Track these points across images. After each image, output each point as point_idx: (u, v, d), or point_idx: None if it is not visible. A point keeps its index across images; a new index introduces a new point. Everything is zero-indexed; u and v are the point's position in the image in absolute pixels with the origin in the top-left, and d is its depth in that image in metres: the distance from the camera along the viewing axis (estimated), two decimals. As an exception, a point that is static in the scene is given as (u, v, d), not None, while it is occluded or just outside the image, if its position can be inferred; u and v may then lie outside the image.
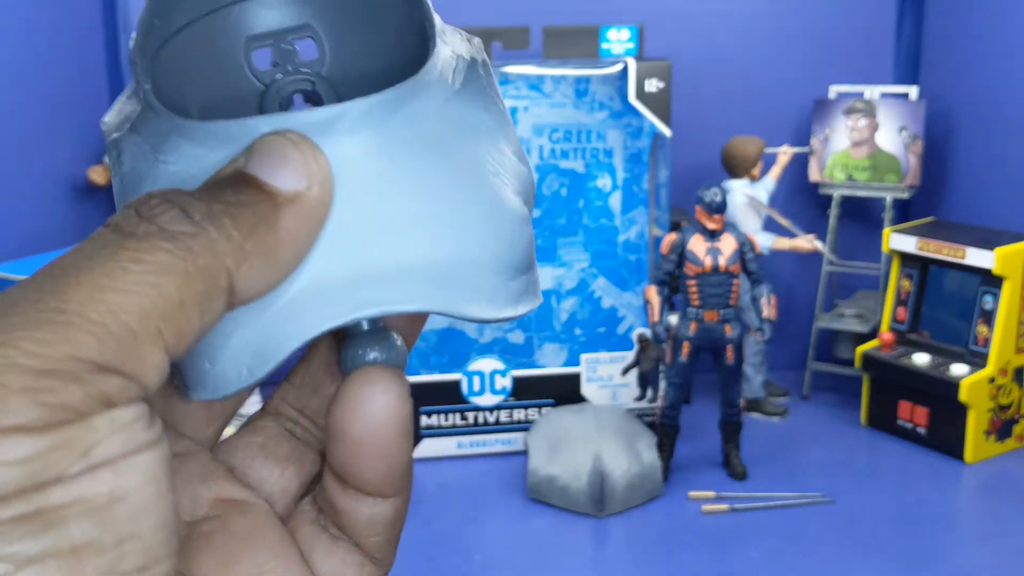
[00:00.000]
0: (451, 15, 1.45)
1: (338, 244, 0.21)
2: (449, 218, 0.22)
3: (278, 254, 0.21)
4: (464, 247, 0.22)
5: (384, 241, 0.22)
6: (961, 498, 1.47)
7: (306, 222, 0.21)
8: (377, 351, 0.23)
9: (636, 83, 1.51)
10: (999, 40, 1.69)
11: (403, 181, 0.22)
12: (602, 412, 1.55)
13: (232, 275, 0.20)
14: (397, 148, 0.22)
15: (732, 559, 1.27)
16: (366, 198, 0.22)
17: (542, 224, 1.65)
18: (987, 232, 1.60)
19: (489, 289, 0.23)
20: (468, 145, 0.24)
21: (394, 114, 0.22)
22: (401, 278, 0.21)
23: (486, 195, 0.23)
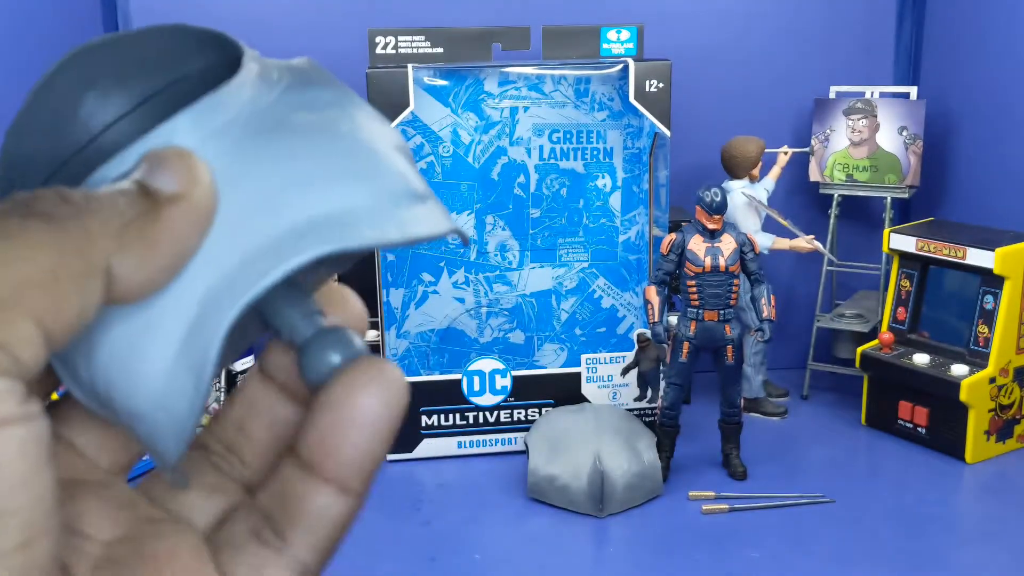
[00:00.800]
0: (451, 15, 1.47)
1: (227, 237, 0.22)
2: (319, 175, 0.23)
3: (159, 245, 0.21)
4: (342, 192, 0.23)
5: (266, 217, 0.22)
6: (961, 498, 1.47)
7: (189, 220, 0.21)
8: (338, 351, 0.24)
9: (636, 83, 1.51)
10: (999, 40, 1.69)
11: (262, 163, 0.23)
12: (602, 412, 1.55)
13: (110, 258, 0.20)
14: (244, 139, 0.23)
15: (732, 559, 1.27)
16: (233, 190, 0.22)
17: (542, 224, 1.65)
18: (987, 232, 1.60)
19: (381, 217, 0.23)
20: (315, 117, 0.24)
21: (225, 113, 0.23)
22: (291, 239, 0.22)
23: (347, 143, 0.24)
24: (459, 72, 1.58)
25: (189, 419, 0.22)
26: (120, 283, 0.20)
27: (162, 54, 0.26)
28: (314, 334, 0.24)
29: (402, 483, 1.52)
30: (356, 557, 1.28)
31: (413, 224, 0.23)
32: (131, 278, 0.21)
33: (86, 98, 0.25)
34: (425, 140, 1.59)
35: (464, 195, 1.61)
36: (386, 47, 1.54)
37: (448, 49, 1.55)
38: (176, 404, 0.22)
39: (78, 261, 0.19)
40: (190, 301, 0.22)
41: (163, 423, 0.22)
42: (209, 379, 0.22)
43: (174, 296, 0.22)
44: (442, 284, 1.64)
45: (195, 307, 0.22)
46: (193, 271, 0.22)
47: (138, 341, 0.22)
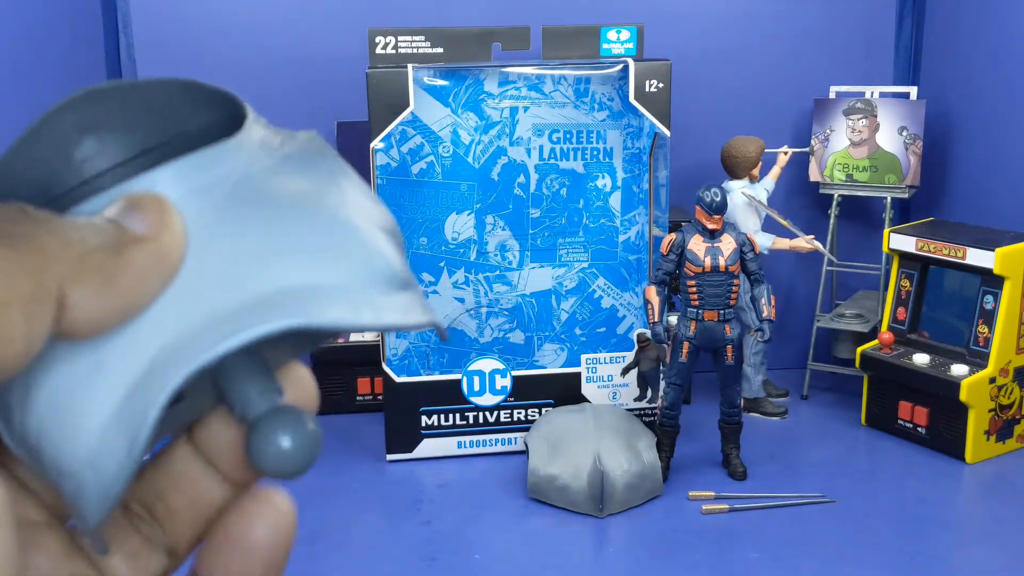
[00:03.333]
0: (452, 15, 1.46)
1: (190, 296, 0.21)
2: (296, 249, 0.22)
3: (118, 281, 0.20)
4: (319, 269, 0.22)
5: (233, 283, 0.21)
6: (961, 498, 1.47)
7: (152, 263, 0.20)
8: (289, 434, 0.23)
9: (636, 83, 1.51)
10: (999, 40, 1.69)
11: (242, 229, 0.22)
12: (602, 412, 1.55)
13: (64, 285, 0.19)
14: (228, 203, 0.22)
15: (732, 559, 1.27)
16: (205, 250, 0.21)
17: (542, 224, 1.65)
18: (987, 232, 1.60)
19: (355, 299, 0.22)
20: (304, 186, 0.23)
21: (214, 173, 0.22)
22: (255, 309, 0.21)
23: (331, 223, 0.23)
24: (459, 72, 1.58)
25: (116, 483, 0.21)
26: (71, 313, 0.19)
27: (168, 107, 0.25)
28: (267, 412, 0.23)
29: (402, 483, 1.52)
30: (356, 557, 1.28)
31: (387, 311, 0.22)
32: (83, 310, 0.20)
33: (84, 142, 0.24)
34: (425, 140, 1.59)
35: (464, 195, 1.61)
36: (386, 47, 1.54)
37: (448, 49, 1.55)
38: (106, 465, 0.20)
39: (28, 283, 0.18)
40: (139, 357, 0.21)
41: (90, 484, 0.21)
42: (143, 444, 0.20)
43: (123, 348, 0.21)
44: (442, 284, 1.64)
45: (142, 364, 0.21)
46: (147, 325, 0.21)
47: (78, 391, 0.20)
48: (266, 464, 0.23)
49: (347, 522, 1.38)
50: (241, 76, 1.79)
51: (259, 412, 0.23)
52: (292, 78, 1.78)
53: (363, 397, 1.78)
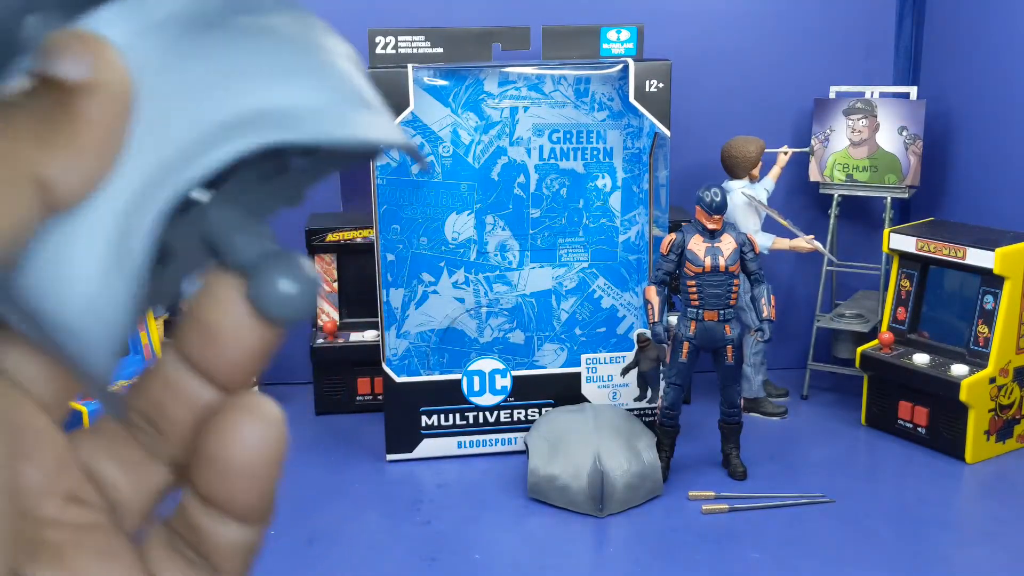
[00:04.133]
0: (452, 15, 1.46)
1: (161, 126, 0.20)
2: (264, 67, 0.21)
3: (83, 141, 0.19)
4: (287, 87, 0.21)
5: (202, 108, 0.20)
6: (961, 498, 1.47)
7: (106, 107, 0.20)
8: (290, 278, 0.22)
9: (636, 83, 1.51)
10: (999, 40, 1.69)
11: (197, 58, 0.21)
12: (602, 412, 1.55)
13: (37, 165, 0.19)
14: (179, 34, 0.21)
15: (732, 559, 1.27)
16: (165, 81, 0.20)
17: (542, 224, 1.65)
18: (987, 232, 1.60)
19: (328, 116, 0.21)
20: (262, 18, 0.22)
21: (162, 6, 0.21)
22: (229, 130, 0.20)
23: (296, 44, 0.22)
24: (459, 72, 1.58)
25: (118, 324, 0.20)
26: (55, 190, 0.19)
27: None
28: (263, 257, 0.22)
29: (402, 483, 1.52)
30: (356, 557, 1.28)
31: (363, 127, 0.21)
32: (65, 181, 0.19)
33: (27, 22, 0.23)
34: (425, 140, 1.59)
35: (464, 195, 1.61)
36: (386, 47, 1.54)
37: (448, 49, 1.55)
38: (106, 309, 0.20)
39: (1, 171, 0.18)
40: (119, 198, 0.20)
41: (93, 332, 0.20)
42: (139, 278, 0.20)
43: (102, 194, 0.20)
44: (442, 284, 1.64)
45: (125, 204, 0.20)
46: (122, 167, 0.20)
47: (68, 245, 0.20)
48: (269, 308, 0.22)
49: (347, 522, 1.38)
50: (241, 76, 1.79)
51: (254, 257, 0.22)
52: (292, 78, 1.78)
53: (363, 397, 1.78)
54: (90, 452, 0.24)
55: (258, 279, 0.22)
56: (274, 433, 0.22)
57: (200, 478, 0.22)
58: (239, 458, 0.22)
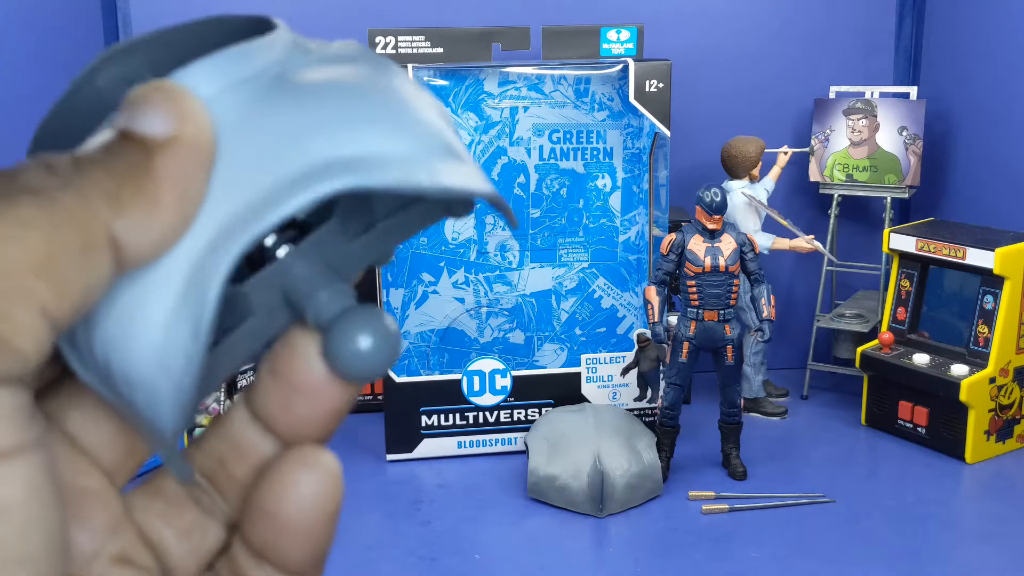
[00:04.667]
0: (451, 15, 1.46)
1: (238, 177, 0.20)
2: (346, 117, 0.21)
3: (160, 199, 0.19)
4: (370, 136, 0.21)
5: (282, 157, 0.20)
6: (961, 498, 1.47)
7: (186, 163, 0.19)
8: (368, 336, 0.21)
9: (636, 83, 1.51)
10: (999, 40, 1.69)
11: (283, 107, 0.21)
12: (602, 412, 1.55)
13: (111, 226, 0.18)
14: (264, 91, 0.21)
15: (732, 559, 1.27)
16: (248, 134, 0.20)
17: (542, 224, 1.65)
18: (987, 232, 1.60)
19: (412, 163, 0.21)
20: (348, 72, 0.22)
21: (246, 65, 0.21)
22: (306, 177, 0.20)
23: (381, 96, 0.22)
24: (459, 72, 1.58)
25: (187, 377, 0.20)
26: (129, 250, 0.19)
27: (200, 48, 0.23)
28: (340, 312, 0.22)
29: (402, 483, 1.52)
30: (356, 557, 1.28)
31: (449, 175, 0.21)
32: (140, 242, 0.19)
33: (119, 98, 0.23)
34: (425, 140, 1.59)
35: (464, 195, 1.61)
36: (386, 47, 1.54)
37: (448, 49, 1.55)
38: (174, 358, 0.20)
39: (76, 235, 0.17)
40: (192, 250, 0.20)
41: (161, 385, 0.20)
42: (208, 327, 0.20)
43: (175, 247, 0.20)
44: (442, 284, 1.64)
45: (198, 255, 0.20)
46: (198, 219, 0.20)
47: (138, 297, 0.20)
48: (346, 367, 0.22)
49: (347, 522, 1.38)
50: (241, 76, 1.79)
51: (332, 314, 0.22)
52: (292, 78, 1.78)
53: (363, 397, 1.78)
54: (145, 514, 0.23)
55: (336, 336, 0.21)
56: (333, 488, 0.22)
57: (254, 531, 0.22)
58: (297, 515, 0.21)
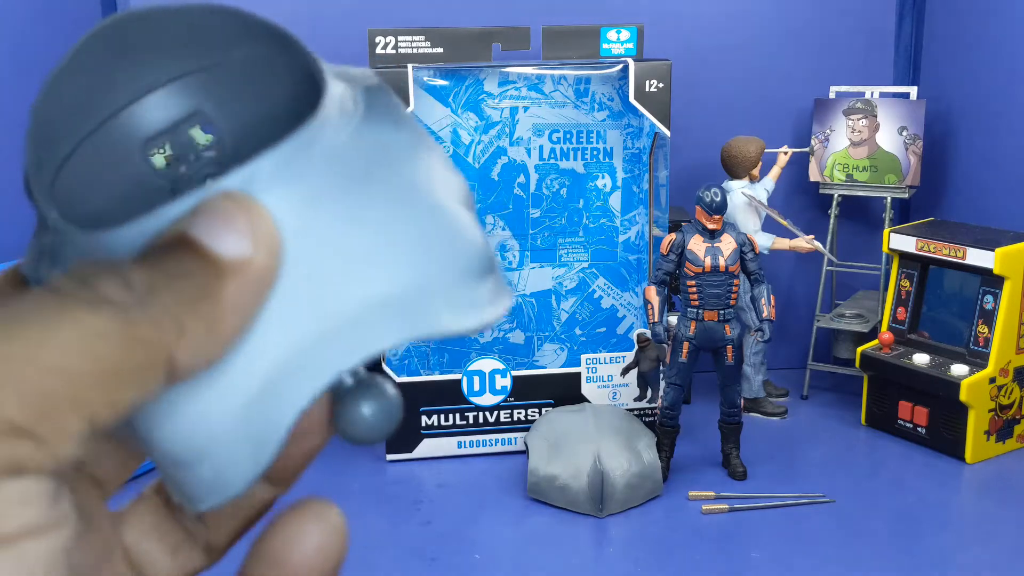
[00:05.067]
0: (451, 15, 1.46)
1: (292, 306, 0.20)
2: (395, 244, 0.22)
3: (220, 328, 0.19)
4: (419, 267, 0.22)
5: (338, 288, 0.21)
6: (961, 498, 1.47)
7: (251, 292, 0.20)
8: (370, 404, 0.23)
9: (636, 83, 1.51)
10: (999, 40, 1.69)
11: (337, 224, 0.21)
12: (602, 412, 1.55)
13: (172, 350, 0.19)
14: (321, 193, 0.21)
15: (732, 559, 1.27)
16: (306, 253, 0.21)
17: (542, 224, 1.65)
18: (987, 232, 1.60)
19: (458, 299, 0.22)
20: (390, 168, 0.23)
21: (306, 158, 0.21)
22: (367, 318, 0.21)
23: (424, 210, 0.23)
24: (459, 72, 1.58)
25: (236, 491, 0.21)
26: (181, 368, 0.19)
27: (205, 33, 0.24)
28: (353, 384, 0.23)
29: (402, 483, 1.52)
30: (356, 557, 1.28)
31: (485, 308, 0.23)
32: (192, 362, 0.19)
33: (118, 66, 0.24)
34: (425, 140, 1.59)
35: (464, 195, 1.61)
36: (386, 47, 1.54)
37: (448, 49, 1.55)
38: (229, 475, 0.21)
39: (142, 355, 0.18)
40: (253, 372, 0.20)
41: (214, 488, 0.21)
42: (271, 457, 0.21)
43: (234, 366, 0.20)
44: (442, 284, 1.64)
45: (257, 378, 0.20)
46: (257, 339, 0.20)
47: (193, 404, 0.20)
48: (352, 432, 0.23)
49: (347, 522, 1.38)
50: (241, 76, 1.79)
51: (347, 385, 0.23)
52: (292, 78, 1.78)
53: (363, 397, 1.78)
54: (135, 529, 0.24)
55: (344, 405, 0.23)
56: (338, 542, 0.23)
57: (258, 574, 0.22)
58: (303, 563, 0.22)
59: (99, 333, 0.17)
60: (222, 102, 0.26)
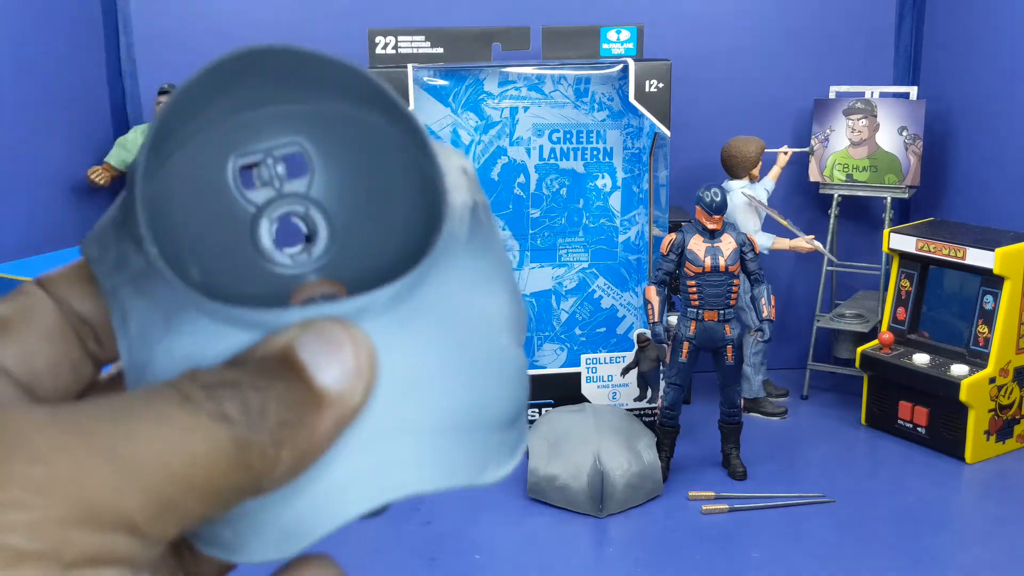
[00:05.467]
0: (451, 15, 1.46)
1: (364, 434, 0.21)
2: (463, 397, 0.22)
3: (308, 459, 0.20)
4: (478, 419, 0.23)
5: (404, 429, 0.22)
6: (961, 498, 1.47)
7: (342, 425, 0.21)
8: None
9: (636, 83, 1.51)
10: (999, 40, 1.69)
11: (420, 364, 0.22)
12: (602, 412, 1.55)
13: (266, 476, 0.20)
14: (414, 330, 0.22)
15: (732, 559, 1.27)
16: (389, 386, 0.22)
17: (542, 224, 1.65)
18: (987, 232, 1.60)
19: (495, 448, 0.23)
20: (476, 305, 0.24)
21: (413, 293, 0.22)
22: (419, 462, 0.22)
23: (494, 358, 0.23)
24: (459, 72, 1.58)
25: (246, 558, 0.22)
26: (263, 491, 0.20)
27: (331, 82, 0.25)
28: None
29: (402, 483, 1.52)
30: (356, 557, 1.28)
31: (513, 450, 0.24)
32: (274, 486, 0.20)
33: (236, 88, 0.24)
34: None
35: (464, 195, 1.61)
36: (386, 47, 1.54)
37: (448, 49, 1.55)
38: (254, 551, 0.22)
39: (244, 478, 0.19)
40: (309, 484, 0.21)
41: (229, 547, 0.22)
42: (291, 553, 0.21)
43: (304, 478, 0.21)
44: (442, 284, 1.64)
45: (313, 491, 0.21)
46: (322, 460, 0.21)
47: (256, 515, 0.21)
48: None
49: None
50: (241, 76, 1.79)
51: None
52: (292, 78, 1.78)
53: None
54: None
55: None
56: None
57: None
58: None
59: (220, 452, 0.19)
60: (322, 144, 0.26)
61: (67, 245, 1.63)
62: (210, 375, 0.20)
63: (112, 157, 1.72)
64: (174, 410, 0.19)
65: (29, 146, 1.59)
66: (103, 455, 0.17)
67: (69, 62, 1.70)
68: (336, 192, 0.26)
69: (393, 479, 0.21)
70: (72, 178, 1.71)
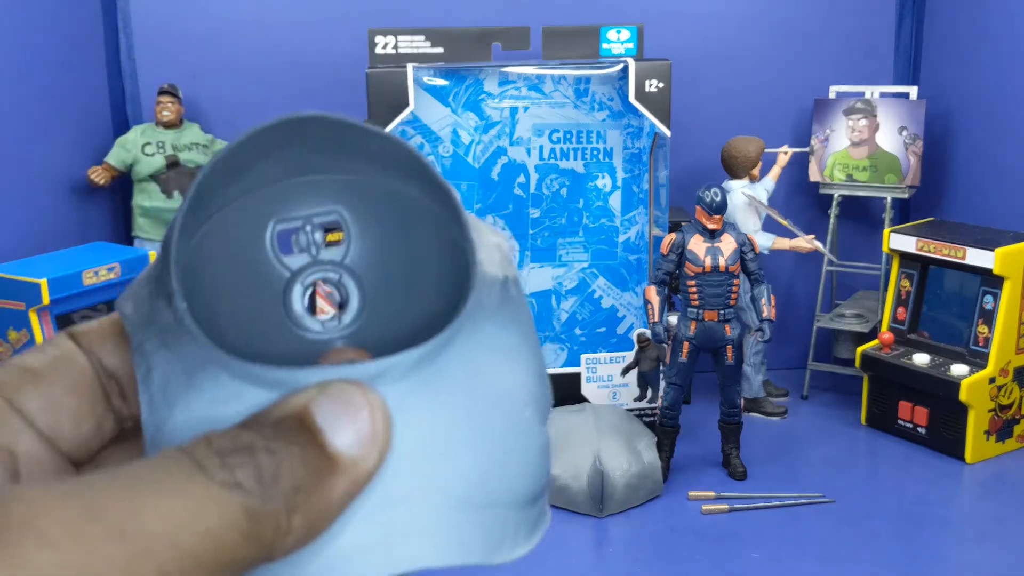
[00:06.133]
0: (451, 15, 1.46)
1: (375, 500, 0.21)
2: (481, 469, 0.22)
3: (320, 526, 0.20)
4: (495, 494, 0.22)
5: (418, 497, 0.21)
6: (961, 498, 1.47)
7: (355, 491, 0.20)
8: None
9: (636, 83, 1.51)
10: (999, 40, 1.69)
11: (437, 430, 0.22)
12: (602, 412, 1.55)
13: (277, 545, 0.20)
14: (435, 396, 0.22)
15: (732, 559, 1.27)
16: (404, 452, 0.21)
17: (542, 224, 1.65)
18: (987, 232, 1.60)
19: (513, 526, 0.23)
20: (501, 377, 0.23)
21: (436, 359, 0.22)
22: (432, 534, 0.21)
23: (516, 431, 0.23)
24: (459, 72, 1.58)
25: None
26: (274, 558, 0.20)
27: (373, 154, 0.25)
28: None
29: (402, 483, 1.52)
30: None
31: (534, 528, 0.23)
32: (284, 554, 0.20)
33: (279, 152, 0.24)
34: (425, 140, 1.59)
35: (464, 195, 1.61)
36: (386, 47, 1.54)
37: (448, 49, 1.55)
38: None
39: (255, 550, 0.19)
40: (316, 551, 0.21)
41: None
42: None
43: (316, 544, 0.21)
44: (442, 284, 1.64)
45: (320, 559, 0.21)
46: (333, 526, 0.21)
47: None
48: None
49: None
50: (241, 76, 1.79)
51: None
52: (292, 78, 1.78)
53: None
54: None
55: None
56: None
57: None
58: None
59: (232, 524, 0.18)
60: (360, 215, 0.26)
61: (67, 245, 1.63)
62: (225, 439, 0.19)
63: (112, 157, 1.73)
64: (186, 483, 0.18)
65: (29, 146, 1.59)
66: (114, 537, 0.17)
67: (69, 62, 1.70)
68: (369, 261, 0.26)
69: (402, 551, 0.21)
70: (72, 178, 1.71)
